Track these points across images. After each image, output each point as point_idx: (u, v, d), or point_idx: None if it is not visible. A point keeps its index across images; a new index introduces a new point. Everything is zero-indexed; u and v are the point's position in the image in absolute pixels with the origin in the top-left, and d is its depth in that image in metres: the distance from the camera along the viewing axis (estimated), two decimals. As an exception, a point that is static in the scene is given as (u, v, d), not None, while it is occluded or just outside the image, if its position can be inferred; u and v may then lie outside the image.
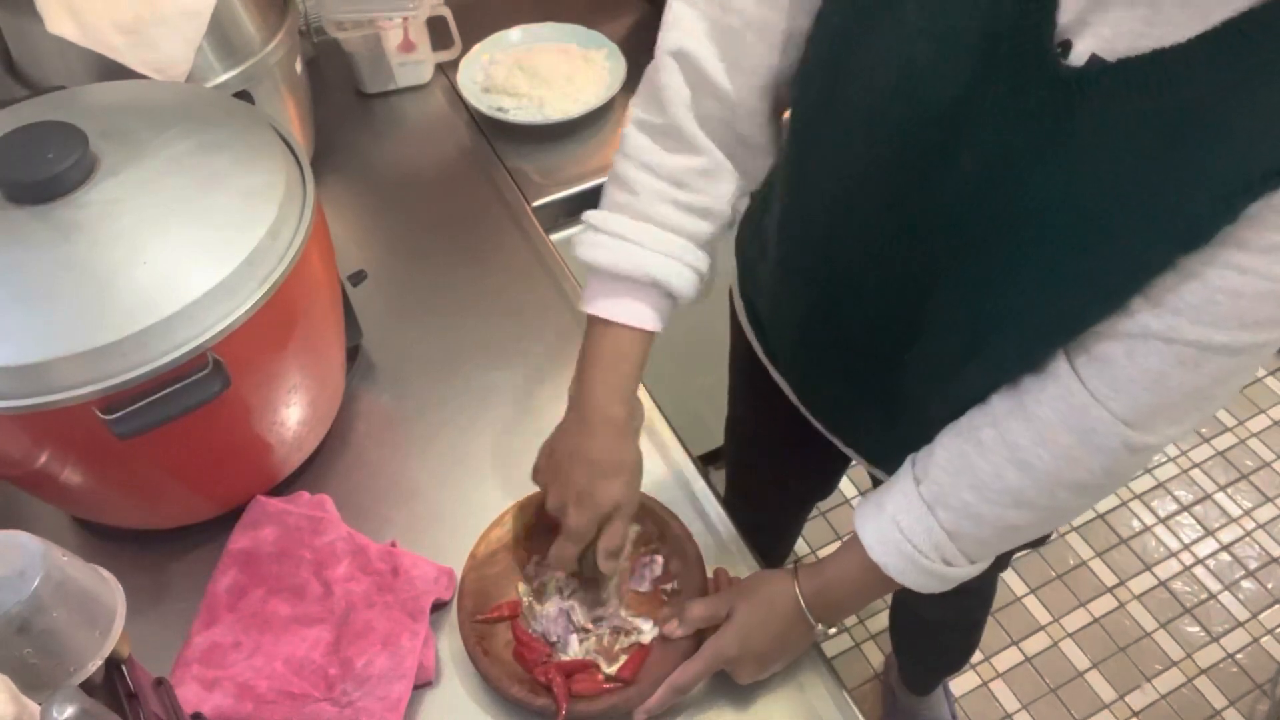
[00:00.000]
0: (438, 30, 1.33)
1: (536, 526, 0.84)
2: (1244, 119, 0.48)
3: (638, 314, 0.72)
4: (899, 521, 0.69)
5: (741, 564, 0.86)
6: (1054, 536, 1.92)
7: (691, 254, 0.72)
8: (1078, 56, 0.51)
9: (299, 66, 1.12)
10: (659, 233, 0.71)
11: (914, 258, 0.65)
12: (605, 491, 0.74)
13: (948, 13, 0.54)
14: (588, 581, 0.81)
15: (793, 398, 0.93)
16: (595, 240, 0.72)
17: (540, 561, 0.83)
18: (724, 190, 0.73)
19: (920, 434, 0.71)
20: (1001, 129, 0.55)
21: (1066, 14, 0.51)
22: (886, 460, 0.84)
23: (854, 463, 0.98)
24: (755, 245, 0.87)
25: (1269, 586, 1.85)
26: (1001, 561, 1.02)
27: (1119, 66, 0.50)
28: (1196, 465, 2.03)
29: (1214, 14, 0.47)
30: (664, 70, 0.69)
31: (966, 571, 0.70)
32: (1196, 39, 0.48)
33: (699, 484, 0.91)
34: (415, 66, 1.34)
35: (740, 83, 0.68)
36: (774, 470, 1.18)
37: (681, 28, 0.68)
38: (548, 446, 0.78)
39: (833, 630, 0.75)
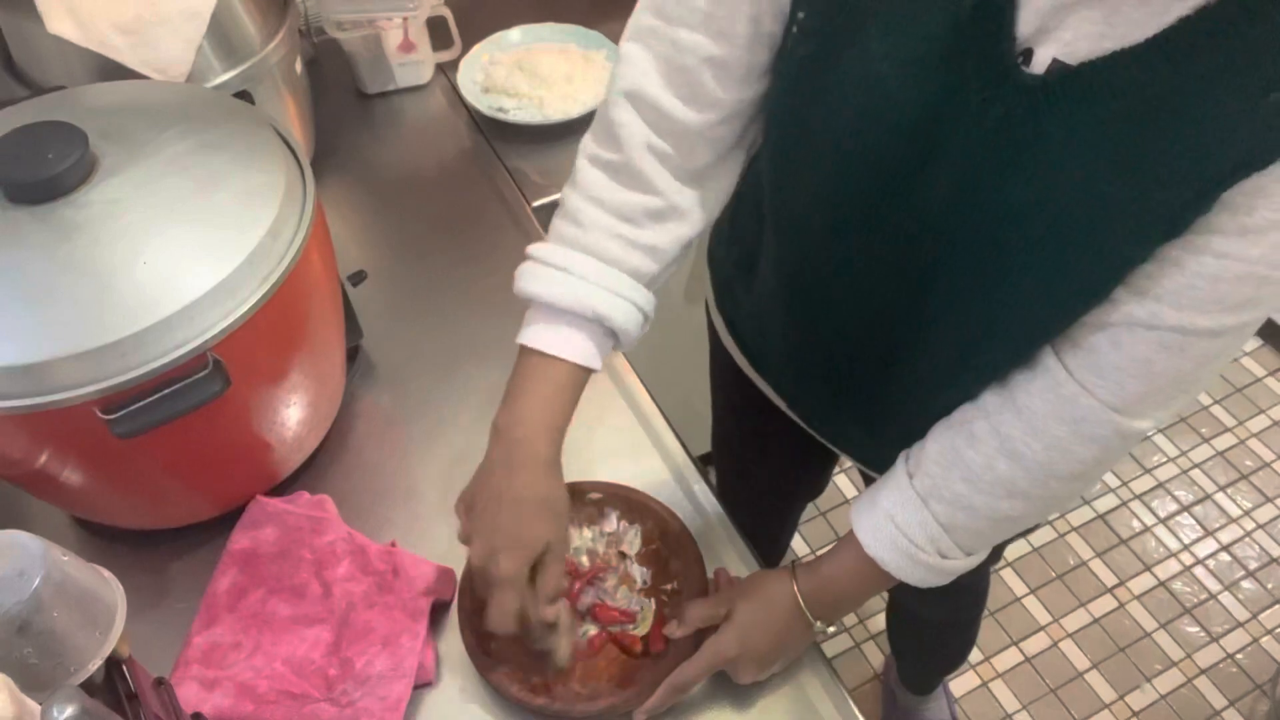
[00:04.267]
0: (438, 30, 1.33)
1: None
2: (1209, 113, 0.49)
3: (578, 349, 0.69)
4: (894, 516, 0.69)
5: (741, 564, 0.87)
6: (1054, 535, 1.92)
7: (637, 292, 0.70)
8: (1039, 63, 0.52)
9: (299, 66, 1.12)
10: (604, 268, 0.69)
11: (896, 272, 0.66)
12: (534, 530, 0.69)
13: (910, 35, 0.55)
14: (536, 640, 0.74)
15: (779, 402, 0.93)
16: (536, 272, 0.70)
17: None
18: (675, 232, 0.71)
19: (911, 435, 0.72)
20: (972, 142, 0.56)
21: (1027, 24, 0.52)
22: (878, 460, 0.84)
23: (848, 463, 0.98)
24: (731, 259, 0.87)
25: (1269, 586, 1.85)
26: (994, 553, 1.02)
27: (1081, 70, 0.51)
28: (1196, 465, 2.03)
29: (1171, 11, 0.48)
30: (619, 108, 0.67)
31: (962, 564, 0.70)
32: (1155, 38, 0.48)
33: (699, 484, 0.92)
34: (415, 66, 1.34)
35: (700, 114, 0.67)
36: (763, 472, 1.18)
37: (635, 66, 0.66)
38: (468, 496, 0.73)
39: (831, 629, 0.76)
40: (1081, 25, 0.50)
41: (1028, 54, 0.52)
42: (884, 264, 0.66)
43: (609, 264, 0.69)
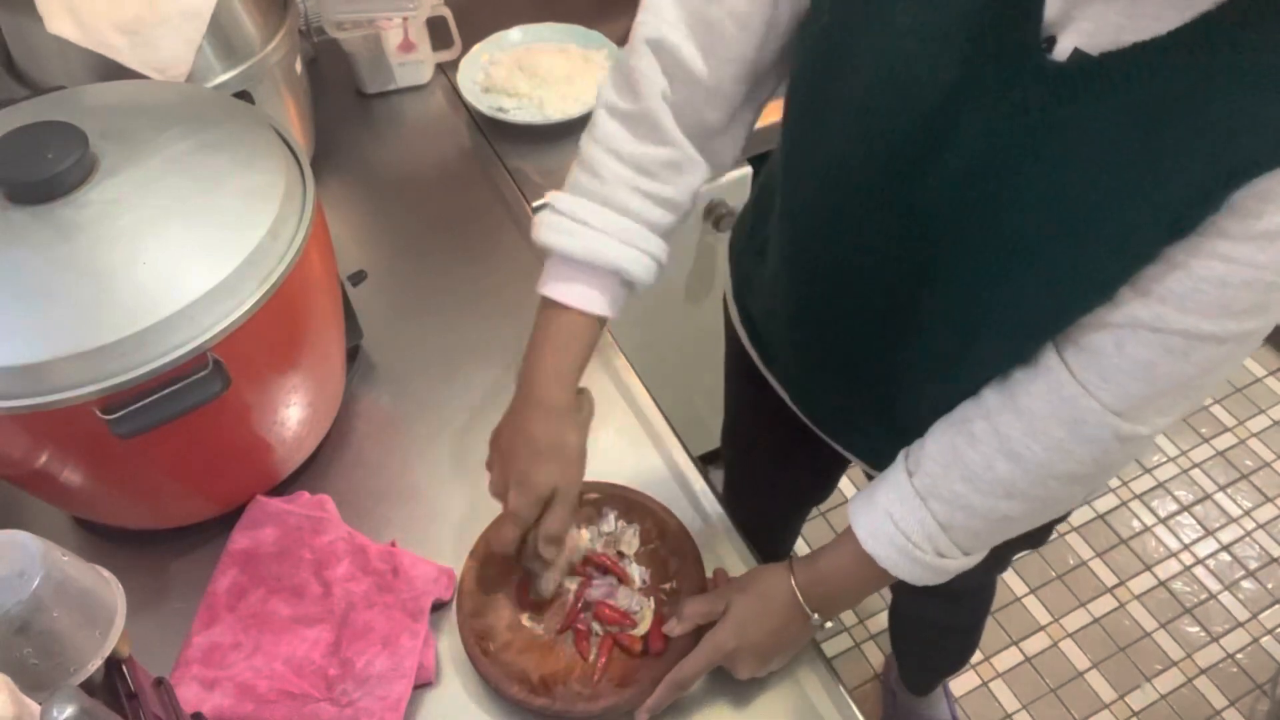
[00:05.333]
0: (438, 30, 1.33)
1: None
2: (1224, 109, 0.49)
3: (592, 299, 0.72)
4: (892, 513, 0.69)
5: (741, 564, 0.86)
6: (1054, 536, 1.92)
7: (652, 242, 0.72)
8: (1061, 52, 0.52)
9: (299, 66, 1.12)
10: (621, 219, 0.71)
11: (905, 256, 0.66)
12: (543, 472, 0.73)
13: (936, 10, 0.55)
14: (528, 572, 0.80)
15: (789, 401, 0.93)
16: (556, 224, 0.71)
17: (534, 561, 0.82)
18: (688, 182, 0.73)
19: (916, 433, 0.72)
20: (988, 125, 0.56)
21: (1051, 9, 0.52)
22: (884, 461, 0.84)
23: (852, 464, 0.98)
24: (751, 251, 0.87)
25: (1269, 586, 1.85)
26: (1001, 561, 1.02)
27: (1101, 61, 0.51)
28: (1196, 465, 2.03)
29: (1194, 5, 0.48)
30: (640, 56, 0.68)
31: (959, 564, 0.70)
32: (1176, 31, 0.48)
33: (699, 484, 0.91)
34: (415, 66, 1.34)
35: (717, 70, 0.68)
36: (772, 474, 1.18)
37: (661, 15, 0.68)
38: (495, 431, 0.78)
39: (830, 623, 0.76)
40: (1104, 15, 0.50)
41: (1050, 42, 0.52)
42: (889, 246, 0.66)
43: (627, 216, 0.71)
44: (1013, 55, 0.53)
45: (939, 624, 1.37)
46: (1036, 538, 0.93)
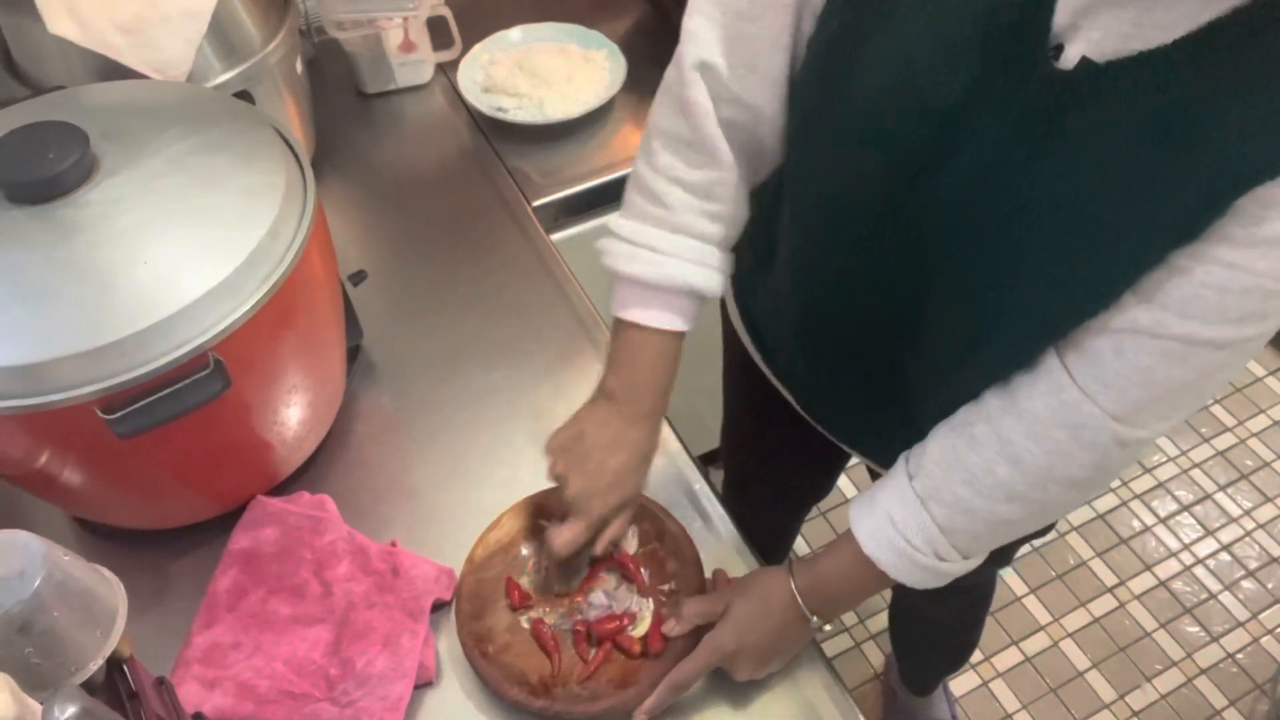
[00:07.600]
0: (438, 30, 1.33)
1: (532, 530, 0.84)
2: (1230, 118, 0.49)
3: (673, 319, 0.76)
4: (892, 516, 0.69)
5: (741, 564, 0.86)
6: (1054, 535, 1.92)
7: (718, 257, 0.75)
8: (1068, 60, 0.52)
9: (299, 66, 1.12)
10: (691, 242, 0.74)
11: (910, 260, 0.66)
12: (634, 479, 0.78)
13: (947, 17, 0.55)
14: (564, 570, 0.81)
15: (790, 398, 0.93)
16: (628, 252, 0.74)
17: (538, 565, 0.82)
18: (742, 196, 0.75)
19: (920, 432, 0.72)
20: (995, 132, 0.56)
21: (1060, 17, 0.52)
22: (887, 457, 0.85)
23: (853, 462, 0.98)
24: (753, 250, 0.88)
25: (1269, 586, 1.85)
26: (1004, 557, 1.02)
27: (1107, 68, 0.51)
28: (1196, 465, 2.03)
29: (1201, 15, 0.48)
30: (690, 86, 0.69)
31: (959, 567, 0.70)
32: (1183, 40, 0.48)
33: (699, 484, 0.91)
34: (415, 66, 1.34)
35: (761, 91, 0.69)
36: (772, 471, 1.18)
37: (699, 41, 0.68)
38: (572, 433, 0.78)
39: (828, 626, 0.76)
40: (1111, 24, 0.50)
41: (1058, 50, 0.52)
42: (896, 252, 0.66)
43: (694, 238, 0.74)
44: (1020, 63, 0.53)
45: (939, 622, 1.37)
46: (1041, 529, 0.93)
